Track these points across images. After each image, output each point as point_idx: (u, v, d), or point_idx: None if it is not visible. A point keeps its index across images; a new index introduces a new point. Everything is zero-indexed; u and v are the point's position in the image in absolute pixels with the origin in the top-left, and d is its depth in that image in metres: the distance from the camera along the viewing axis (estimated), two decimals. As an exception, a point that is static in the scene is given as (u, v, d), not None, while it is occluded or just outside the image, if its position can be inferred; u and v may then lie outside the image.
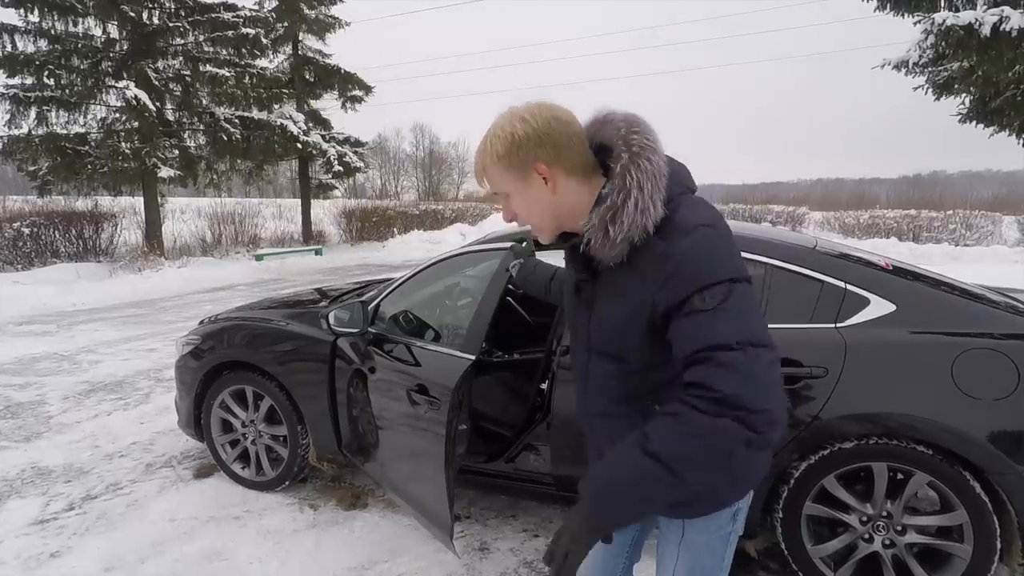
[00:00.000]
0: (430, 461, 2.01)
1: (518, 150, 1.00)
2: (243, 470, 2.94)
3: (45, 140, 11.27)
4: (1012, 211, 20.76)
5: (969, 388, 1.79)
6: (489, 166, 1.04)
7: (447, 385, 1.96)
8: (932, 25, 7.10)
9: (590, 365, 1.11)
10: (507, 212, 1.08)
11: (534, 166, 1.00)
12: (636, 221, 0.94)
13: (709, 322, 0.88)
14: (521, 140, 0.99)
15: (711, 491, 1.06)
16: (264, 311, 3.10)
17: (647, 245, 0.95)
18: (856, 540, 1.95)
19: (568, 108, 1.03)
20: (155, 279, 9.97)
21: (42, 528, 2.61)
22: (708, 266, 0.91)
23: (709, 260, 0.92)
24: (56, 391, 4.49)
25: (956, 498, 1.81)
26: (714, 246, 0.94)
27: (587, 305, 1.09)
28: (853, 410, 1.87)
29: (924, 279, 2.19)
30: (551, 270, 1.72)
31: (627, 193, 0.95)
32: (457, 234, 18.19)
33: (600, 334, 1.06)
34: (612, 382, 1.08)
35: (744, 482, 1.12)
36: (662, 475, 0.86)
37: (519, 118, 1.00)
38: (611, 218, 0.95)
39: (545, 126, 0.99)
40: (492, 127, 1.03)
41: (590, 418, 1.17)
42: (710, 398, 0.85)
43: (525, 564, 2.30)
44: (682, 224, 0.95)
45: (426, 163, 53.33)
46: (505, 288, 2.15)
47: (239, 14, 12.23)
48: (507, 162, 1.01)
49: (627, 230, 0.94)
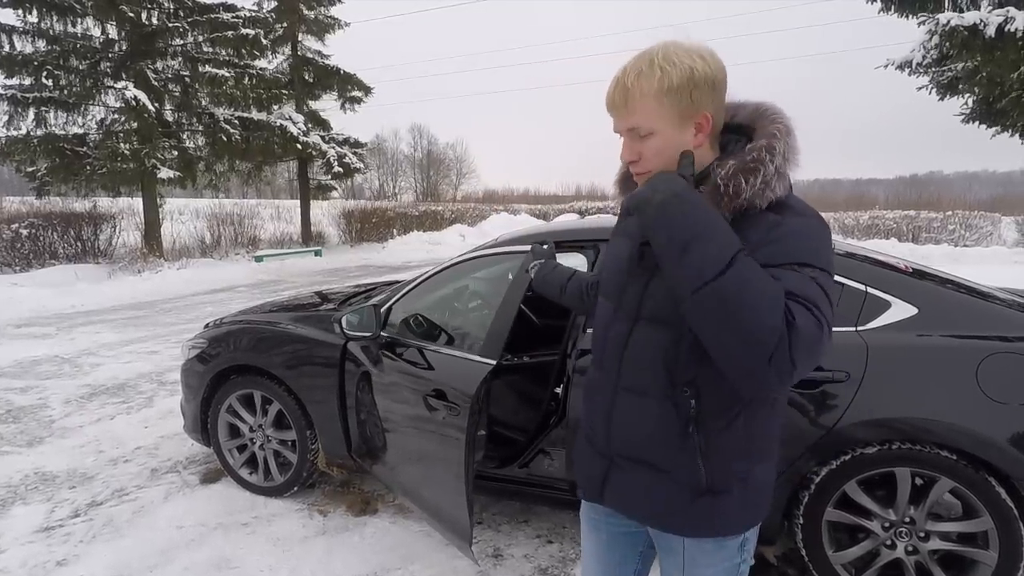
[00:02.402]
0: (448, 466, 1.99)
1: (693, 90, 0.92)
2: (251, 475, 2.90)
3: (43, 141, 11.22)
4: (1009, 211, 20.81)
5: (994, 392, 1.76)
6: (647, 96, 0.93)
7: (467, 391, 1.94)
8: (936, 26, 7.09)
9: (633, 335, 1.06)
10: (631, 151, 0.98)
11: (701, 112, 0.94)
12: (771, 184, 0.92)
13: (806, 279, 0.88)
14: (699, 80, 0.92)
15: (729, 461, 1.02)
16: (269, 314, 3.07)
17: (754, 216, 0.94)
18: (878, 546, 1.92)
19: None
20: (155, 280, 9.93)
21: (48, 535, 2.57)
22: (815, 248, 0.92)
23: (818, 243, 0.93)
24: (58, 395, 4.44)
25: (981, 504, 1.78)
26: (823, 236, 0.95)
27: (647, 271, 1.04)
28: (875, 415, 1.85)
29: (944, 281, 2.16)
30: (568, 272, 1.69)
31: (772, 155, 0.93)
32: (456, 235, 18.19)
33: (657, 299, 1.02)
34: (658, 353, 1.02)
35: (755, 509, 1.07)
36: (714, 254, 0.83)
37: (698, 55, 0.92)
38: (752, 170, 0.92)
39: (721, 73, 0.94)
40: (660, 54, 0.93)
41: (613, 394, 1.09)
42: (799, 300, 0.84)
43: (540, 570, 2.27)
44: (798, 207, 0.96)
45: (424, 164, 53.28)
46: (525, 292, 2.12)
47: (238, 14, 12.18)
48: (674, 98, 0.93)
49: (759, 187, 0.92)
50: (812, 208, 0.98)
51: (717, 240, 0.85)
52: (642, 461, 1.06)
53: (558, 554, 2.37)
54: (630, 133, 0.98)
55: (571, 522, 2.60)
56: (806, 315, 0.83)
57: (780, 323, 0.80)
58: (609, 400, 1.10)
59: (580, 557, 2.33)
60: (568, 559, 2.34)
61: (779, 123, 0.97)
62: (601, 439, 1.13)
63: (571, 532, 2.53)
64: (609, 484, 1.12)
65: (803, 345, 0.81)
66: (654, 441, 1.04)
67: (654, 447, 1.04)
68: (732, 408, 1.00)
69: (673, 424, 1.01)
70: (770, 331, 0.80)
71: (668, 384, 1.01)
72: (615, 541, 1.23)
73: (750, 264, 0.84)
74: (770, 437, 1.08)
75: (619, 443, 1.09)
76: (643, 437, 1.05)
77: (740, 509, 1.05)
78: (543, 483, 2.36)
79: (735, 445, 1.02)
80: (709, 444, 1.00)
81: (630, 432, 1.07)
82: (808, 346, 0.82)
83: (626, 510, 1.13)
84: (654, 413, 1.03)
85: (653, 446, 1.04)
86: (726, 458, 1.01)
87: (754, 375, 0.84)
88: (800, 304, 0.84)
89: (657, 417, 1.03)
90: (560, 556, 2.36)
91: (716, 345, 0.86)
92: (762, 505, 1.08)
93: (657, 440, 1.04)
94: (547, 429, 2.44)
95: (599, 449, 1.14)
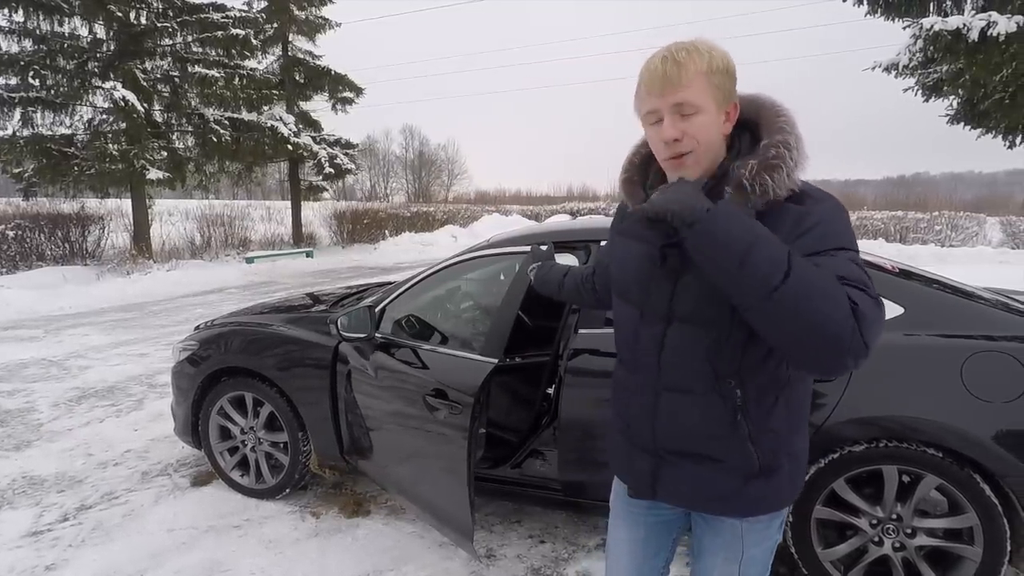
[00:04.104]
0: (449, 464, 2.00)
1: (732, 78, 1.02)
2: (242, 478, 2.89)
3: (30, 142, 11.08)
4: (994, 212, 21.11)
5: (979, 390, 1.79)
6: (700, 73, 0.98)
7: (469, 389, 1.96)
8: (921, 30, 7.19)
9: (669, 336, 1.07)
10: (675, 129, 1.00)
11: (732, 100, 1.02)
12: (792, 177, 0.97)
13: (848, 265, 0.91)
14: (732, 69, 1.01)
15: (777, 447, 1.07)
16: (260, 316, 3.05)
17: (776, 210, 0.96)
18: (866, 543, 1.95)
19: None
20: (144, 282, 9.84)
21: (36, 540, 2.55)
22: (843, 231, 0.96)
23: (844, 225, 0.97)
24: (46, 398, 4.40)
25: (966, 500, 1.82)
26: (845, 217, 0.98)
27: (672, 273, 1.05)
28: (863, 413, 1.87)
29: (929, 281, 2.20)
30: (564, 268, 1.71)
31: (789, 150, 0.98)
32: (448, 236, 18.17)
33: (693, 302, 1.04)
34: (699, 352, 1.04)
35: (800, 478, 1.13)
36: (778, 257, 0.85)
37: (725, 54, 1.01)
38: (775, 167, 0.96)
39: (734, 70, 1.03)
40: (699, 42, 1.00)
41: (655, 395, 1.11)
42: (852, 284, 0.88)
43: (532, 571, 2.28)
44: (815, 193, 0.99)
45: (416, 165, 53.14)
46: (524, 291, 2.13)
47: (228, 15, 12.12)
48: (720, 79, 0.99)
49: (784, 181, 0.96)
50: (824, 191, 1.01)
51: (769, 246, 0.87)
52: (694, 454, 1.09)
53: (551, 554, 2.38)
54: (675, 109, 0.99)
55: (563, 522, 2.61)
56: (863, 297, 0.87)
57: (849, 313, 0.84)
58: (651, 401, 1.12)
59: (575, 556, 2.35)
60: (561, 559, 2.35)
61: (782, 116, 1.02)
62: (646, 437, 1.14)
63: (563, 532, 2.54)
64: (661, 480, 1.14)
65: (870, 325, 0.85)
66: (704, 434, 1.07)
67: (704, 439, 1.07)
68: (774, 391, 1.04)
69: (721, 415, 1.05)
70: (843, 323, 0.83)
71: (713, 379, 1.04)
72: (652, 532, 1.25)
73: (802, 262, 0.86)
74: (806, 408, 1.14)
75: (667, 439, 1.11)
76: (692, 431, 1.08)
77: (789, 483, 1.10)
78: (536, 483, 2.38)
79: (780, 425, 1.06)
80: (757, 428, 1.04)
81: (678, 428, 1.10)
82: (873, 324, 0.85)
83: (682, 502, 1.15)
84: (701, 407, 1.06)
85: (703, 438, 1.08)
86: (773, 438, 1.06)
87: (831, 363, 0.86)
88: (854, 288, 0.87)
89: (704, 411, 1.06)
90: (553, 556, 2.37)
91: (791, 343, 0.87)
92: (804, 473, 1.14)
93: (707, 432, 1.07)
94: (539, 430, 2.45)
95: (643, 447, 1.16)
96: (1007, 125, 8.63)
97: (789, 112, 1.03)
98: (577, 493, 2.29)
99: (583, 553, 2.38)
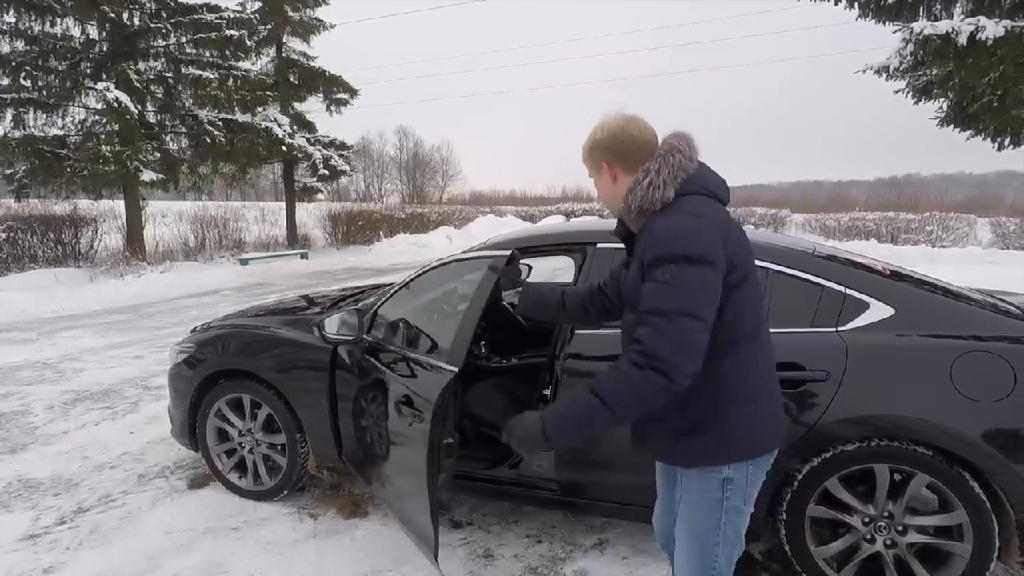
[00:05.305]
0: (414, 475, 1.97)
1: (592, 150, 1.40)
2: (240, 480, 2.89)
3: (22, 143, 11.00)
4: (984, 213, 21.32)
5: (968, 390, 1.83)
6: (584, 156, 1.43)
7: (429, 398, 1.92)
8: (911, 34, 7.26)
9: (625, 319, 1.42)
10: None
11: (602, 163, 1.38)
12: (647, 196, 1.28)
13: (656, 290, 1.19)
14: (596, 143, 1.38)
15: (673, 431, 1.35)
16: (257, 318, 3.06)
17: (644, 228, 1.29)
18: (859, 541, 1.98)
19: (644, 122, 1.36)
20: (138, 284, 9.79)
21: (33, 543, 2.55)
22: (673, 244, 1.19)
23: (676, 239, 1.19)
24: (40, 400, 4.38)
25: (956, 498, 1.85)
26: (687, 230, 1.20)
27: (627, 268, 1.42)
28: (855, 413, 1.91)
29: (920, 283, 2.23)
30: (558, 289, 1.73)
31: (646, 174, 1.29)
32: (443, 237, 18.16)
33: (628, 292, 1.37)
34: (628, 328, 1.37)
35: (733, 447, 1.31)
36: (600, 407, 1.20)
37: (599, 127, 1.38)
38: (631, 191, 1.31)
39: (612, 137, 1.35)
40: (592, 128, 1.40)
41: None
42: (641, 351, 1.17)
43: (530, 570, 2.30)
44: (675, 208, 1.26)
45: (410, 166, 53.08)
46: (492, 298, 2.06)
47: (222, 15, 12.09)
48: (587, 156, 1.42)
49: (639, 202, 1.29)
50: (696, 205, 1.25)
51: (589, 408, 1.22)
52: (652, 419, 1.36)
53: (548, 553, 2.40)
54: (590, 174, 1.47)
55: (560, 522, 2.63)
56: (650, 335, 1.16)
57: (652, 376, 1.15)
58: None
59: (572, 555, 2.38)
60: (558, 558, 2.37)
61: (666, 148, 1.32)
62: None
63: (561, 532, 2.56)
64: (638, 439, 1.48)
65: (669, 356, 1.14)
66: None
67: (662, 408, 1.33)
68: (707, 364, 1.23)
69: None
70: (657, 383, 1.16)
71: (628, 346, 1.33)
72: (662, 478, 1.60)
73: (605, 388, 1.21)
74: (747, 382, 1.31)
75: None
76: None
77: (717, 445, 1.31)
78: (532, 483, 2.39)
79: (707, 396, 1.28)
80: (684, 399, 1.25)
81: None
82: (672, 355, 1.14)
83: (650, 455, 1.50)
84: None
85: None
86: (701, 405, 1.29)
87: (669, 390, 1.17)
88: (644, 326, 1.18)
89: None
90: (550, 555, 2.39)
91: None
92: (741, 445, 1.31)
93: None
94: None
95: None
96: (996, 127, 8.74)
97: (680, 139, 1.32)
98: (574, 493, 2.31)
99: (580, 552, 2.40)
